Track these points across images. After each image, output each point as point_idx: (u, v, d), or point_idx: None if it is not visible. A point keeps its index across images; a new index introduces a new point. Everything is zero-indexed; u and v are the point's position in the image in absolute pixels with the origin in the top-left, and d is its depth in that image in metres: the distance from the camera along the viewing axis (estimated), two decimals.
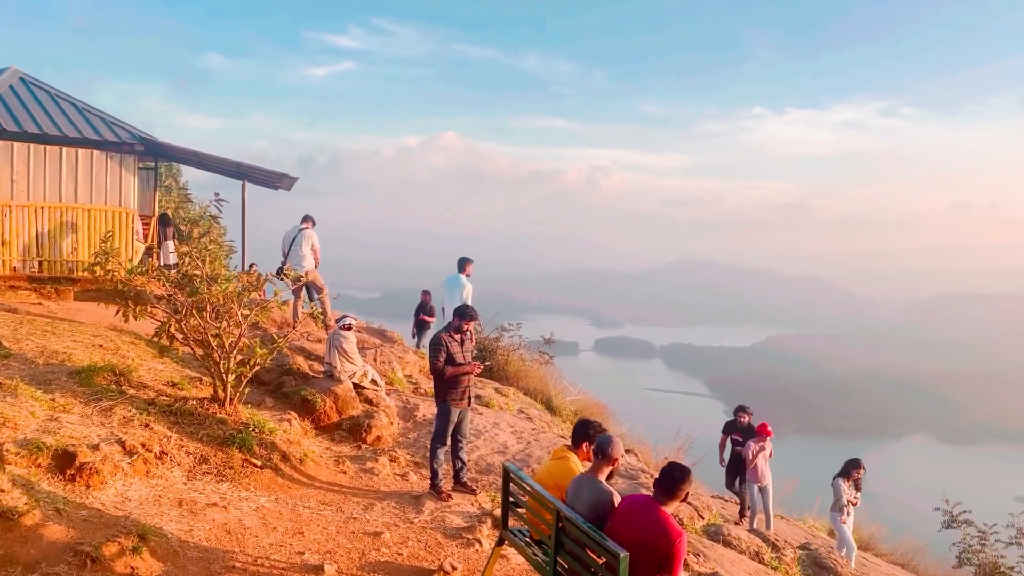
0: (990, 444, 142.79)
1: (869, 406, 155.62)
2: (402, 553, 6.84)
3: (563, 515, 5.25)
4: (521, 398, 16.02)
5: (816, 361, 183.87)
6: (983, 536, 14.06)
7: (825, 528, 14.89)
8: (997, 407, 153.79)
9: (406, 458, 9.90)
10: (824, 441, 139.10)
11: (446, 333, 8.56)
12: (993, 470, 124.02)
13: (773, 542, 8.97)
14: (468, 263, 13.60)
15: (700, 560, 7.54)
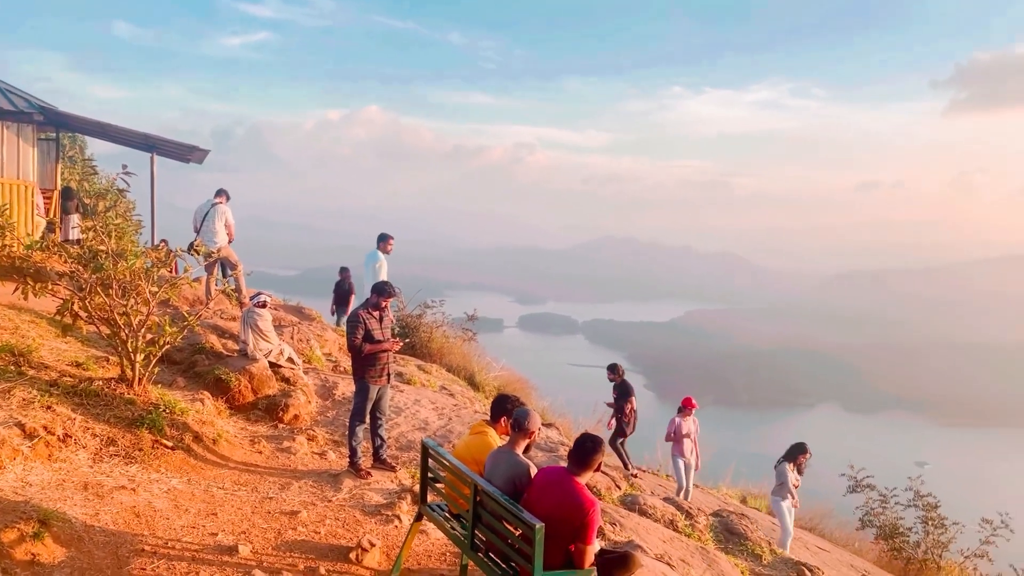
0: (893, 413, 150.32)
1: (781, 378, 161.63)
2: (320, 531, 6.77)
3: (481, 489, 5.28)
4: (444, 375, 16.00)
5: (732, 335, 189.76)
6: (884, 499, 14.81)
7: (738, 496, 15.44)
8: (900, 378, 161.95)
9: (325, 437, 9.78)
10: (739, 412, 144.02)
11: (364, 310, 8.45)
12: (895, 437, 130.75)
13: (687, 510, 9.25)
14: (387, 239, 13.45)
15: (617, 529, 7.71)
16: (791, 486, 10.44)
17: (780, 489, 10.43)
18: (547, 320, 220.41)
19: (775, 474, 10.70)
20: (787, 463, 10.56)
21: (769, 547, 8.95)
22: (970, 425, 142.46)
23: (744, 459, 29.33)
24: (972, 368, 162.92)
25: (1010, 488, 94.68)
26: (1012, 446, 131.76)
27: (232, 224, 13.71)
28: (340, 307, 17.67)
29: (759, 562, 8.58)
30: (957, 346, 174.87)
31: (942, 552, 14.00)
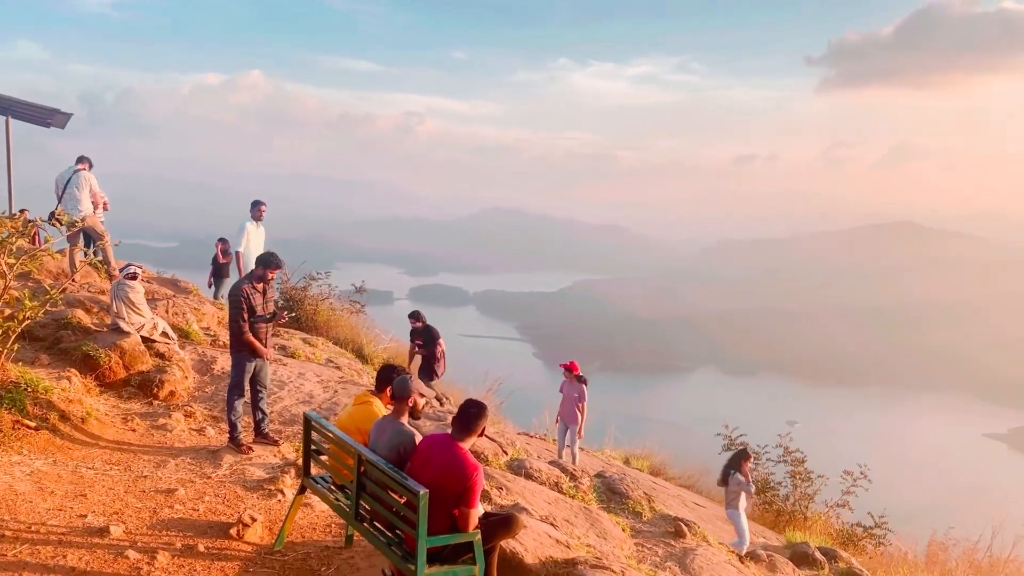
0: (767, 375, 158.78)
1: (663, 343, 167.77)
2: (198, 509, 6.57)
3: (365, 458, 5.25)
4: (331, 348, 15.75)
5: (617, 303, 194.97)
6: (756, 456, 15.63)
7: (621, 457, 15.96)
8: (773, 342, 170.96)
9: (203, 413, 9.46)
10: (624, 377, 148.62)
11: (248, 283, 8.17)
12: (769, 398, 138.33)
13: (572, 472, 9.50)
14: (259, 206, 13.00)
15: (503, 493, 7.84)
16: (745, 493, 10.14)
17: (734, 500, 10.15)
18: (438, 292, 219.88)
19: (729, 485, 10.35)
20: (736, 473, 10.32)
21: (649, 504, 9.32)
22: (837, 385, 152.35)
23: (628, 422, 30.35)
24: (839, 331, 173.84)
25: (870, 442, 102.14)
26: (874, 403, 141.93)
27: (99, 192, 12.93)
28: (218, 280, 17.03)
29: (639, 519, 8.92)
30: (825, 311, 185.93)
31: (808, 504, 14.89)
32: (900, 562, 12.89)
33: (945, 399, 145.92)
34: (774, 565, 8.80)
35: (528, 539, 6.04)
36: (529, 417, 17.63)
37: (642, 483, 11.96)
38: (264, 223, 13.50)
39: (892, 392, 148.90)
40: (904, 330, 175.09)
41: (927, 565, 13.12)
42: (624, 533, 8.15)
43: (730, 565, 7.91)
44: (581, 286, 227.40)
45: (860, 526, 14.14)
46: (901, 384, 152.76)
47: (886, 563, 12.87)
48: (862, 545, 13.91)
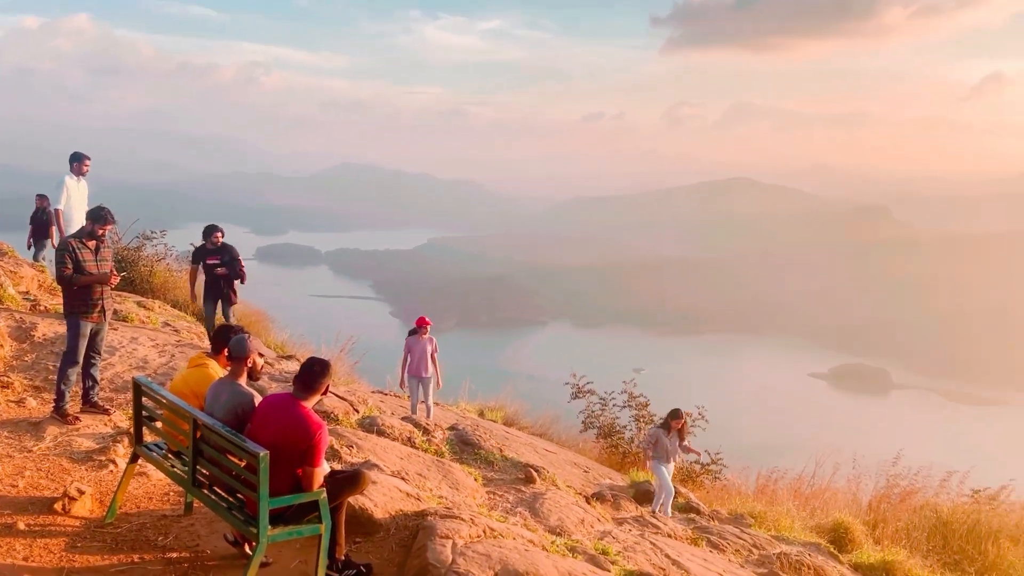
0: (615, 326, 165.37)
1: (517, 298, 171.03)
2: (17, 484, 6.08)
3: (200, 423, 5.01)
4: (168, 311, 14.93)
5: (472, 260, 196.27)
6: (604, 403, 16.28)
7: (476, 410, 16.18)
8: (620, 295, 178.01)
9: (23, 383, 8.73)
10: (480, 332, 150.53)
11: (76, 239, 7.55)
12: (617, 347, 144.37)
13: (425, 427, 9.52)
14: (81, 160, 11.96)
15: (354, 451, 7.75)
16: (663, 450, 10.02)
17: (651, 453, 10.16)
18: (288, 251, 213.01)
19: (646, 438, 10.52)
20: (660, 429, 10.26)
21: (501, 453, 9.52)
22: (680, 333, 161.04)
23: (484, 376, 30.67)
24: (681, 283, 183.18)
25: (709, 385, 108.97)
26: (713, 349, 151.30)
27: None
28: (38, 240, 15.65)
29: (492, 468, 9.09)
30: (669, 264, 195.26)
31: None
32: (734, 494, 13.87)
33: (775, 343, 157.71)
34: (618, 504, 9.24)
35: (378, 494, 6.01)
36: (384, 375, 17.49)
37: (495, 433, 12.19)
38: (87, 179, 12.46)
39: (729, 338, 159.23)
40: (740, 280, 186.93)
41: (757, 495, 14.15)
42: (476, 483, 8.28)
43: (576, 506, 8.22)
44: (437, 243, 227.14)
45: (698, 463, 15.02)
46: (737, 331, 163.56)
47: (722, 495, 13.82)
48: (700, 480, 14.82)
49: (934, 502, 14.40)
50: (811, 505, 13.81)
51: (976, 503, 14.14)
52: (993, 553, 12.20)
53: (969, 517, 13.58)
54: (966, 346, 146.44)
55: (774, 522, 10.84)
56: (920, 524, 13.61)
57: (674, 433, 10.34)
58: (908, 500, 14.62)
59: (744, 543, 8.83)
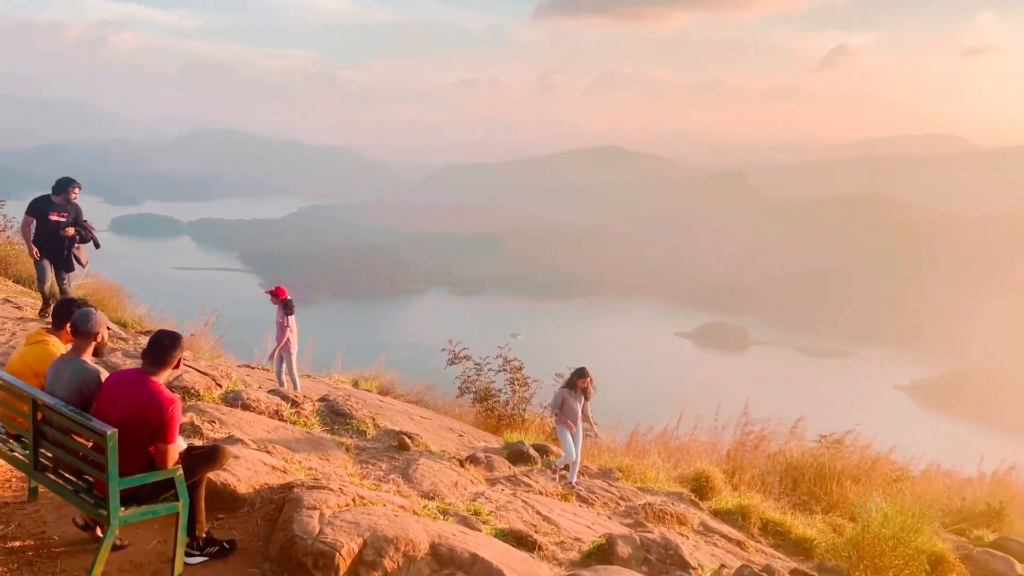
0: (492, 293, 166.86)
1: (394, 267, 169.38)
2: None
3: (40, 403, 4.68)
4: (10, 287, 13.89)
5: (347, 229, 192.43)
6: (479, 368, 16.39)
7: (350, 380, 15.96)
8: (496, 262, 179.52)
9: None
10: (357, 303, 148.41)
11: None
12: (494, 314, 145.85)
13: (293, 399, 9.30)
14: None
15: (216, 426, 7.48)
16: (570, 411, 9.54)
17: (558, 416, 9.70)
18: (146, 222, 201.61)
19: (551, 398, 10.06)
20: (565, 389, 9.77)
21: (373, 422, 9.43)
22: (554, 298, 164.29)
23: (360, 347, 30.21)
24: (554, 250, 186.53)
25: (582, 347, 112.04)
26: (585, 313, 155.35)
27: None
28: None
29: (364, 438, 9.00)
30: (542, 230, 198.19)
31: (525, 407, 15.98)
32: (604, 450, 14.36)
33: (643, 306, 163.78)
34: (492, 465, 9.37)
35: (241, 469, 5.83)
36: (251, 349, 16.97)
37: (369, 403, 12.08)
38: None
39: (601, 302, 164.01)
40: (610, 246, 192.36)
41: (626, 451, 14.72)
42: (348, 453, 8.19)
43: (450, 470, 8.28)
44: (308, 211, 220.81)
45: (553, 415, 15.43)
46: (608, 295, 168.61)
47: (593, 452, 14.28)
48: None
49: (786, 449, 15.45)
50: (676, 457, 14.50)
51: (823, 447, 15.28)
52: (837, 493, 13.24)
53: (816, 460, 14.66)
54: (816, 304, 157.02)
55: (641, 475, 11.30)
56: (773, 469, 14.58)
57: (579, 393, 9.75)
58: (763, 448, 15.62)
59: (612, 496, 9.17)
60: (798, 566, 8.36)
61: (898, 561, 8.43)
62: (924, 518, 9.33)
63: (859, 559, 8.65)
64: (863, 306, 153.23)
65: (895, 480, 14.71)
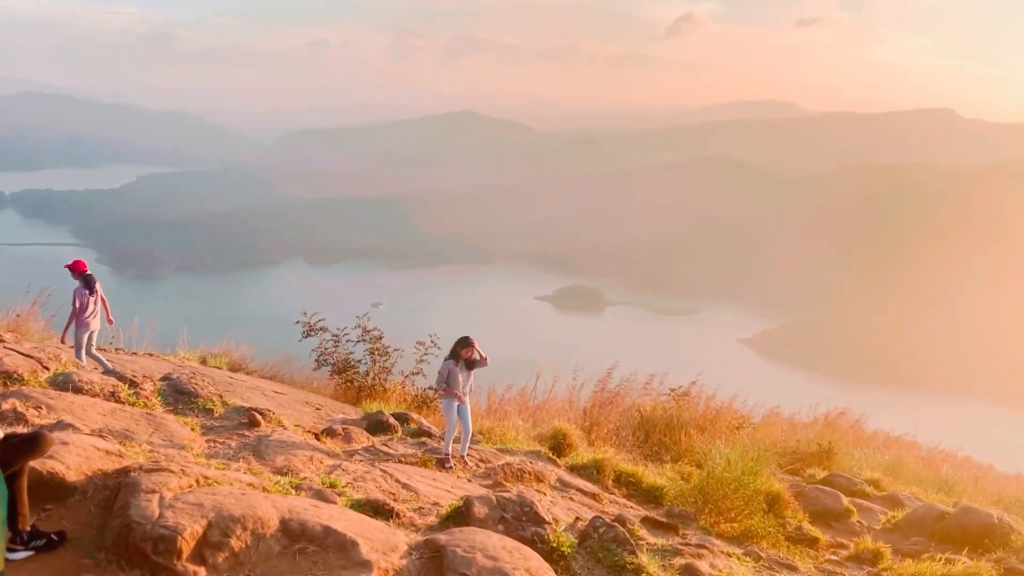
0: (352, 262, 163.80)
1: (245, 238, 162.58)
2: None
3: None
4: None
5: (191, 198, 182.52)
6: (337, 339, 16.02)
7: (197, 358, 15.22)
8: (355, 230, 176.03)
9: None
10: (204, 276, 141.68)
11: None
12: (355, 283, 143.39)
13: (131, 379, 8.74)
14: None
15: (44, 412, 6.91)
16: (457, 383, 9.08)
17: (443, 389, 9.25)
18: None
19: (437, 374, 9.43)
20: (451, 361, 9.19)
21: (221, 400, 9.03)
22: (416, 266, 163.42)
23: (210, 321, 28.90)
24: (415, 216, 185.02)
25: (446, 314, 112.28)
26: (448, 280, 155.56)
27: None
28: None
29: (211, 416, 8.60)
30: (401, 196, 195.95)
31: (387, 376, 15.80)
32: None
33: (504, 271, 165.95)
34: (350, 436, 9.21)
35: (70, 456, 5.41)
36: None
37: (217, 380, 11.57)
38: None
39: (462, 270, 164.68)
40: (469, 212, 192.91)
41: (488, 414, 14.90)
42: (194, 432, 7.80)
43: (305, 443, 8.07)
44: (148, 181, 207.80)
45: (432, 389, 15.42)
46: (469, 261, 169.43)
47: None
48: (434, 406, 15.26)
49: (639, 403, 16.15)
50: (535, 418, 14.84)
51: (672, 400, 16.08)
52: (685, 442, 13.98)
53: (666, 413, 15.43)
54: (666, 264, 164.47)
55: (501, 436, 11.46)
56: (627, 423, 15.21)
57: (463, 364, 9.20)
58: (617, 404, 16.25)
59: (472, 458, 9.25)
60: (649, 514, 8.76)
61: (739, 502, 9.01)
62: (762, 461, 10.01)
63: (704, 503, 9.18)
64: (709, 265, 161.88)
65: (737, 427, 15.72)
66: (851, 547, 9.33)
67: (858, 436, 19.00)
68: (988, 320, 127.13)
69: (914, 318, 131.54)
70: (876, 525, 11.09)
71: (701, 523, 8.88)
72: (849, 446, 16.91)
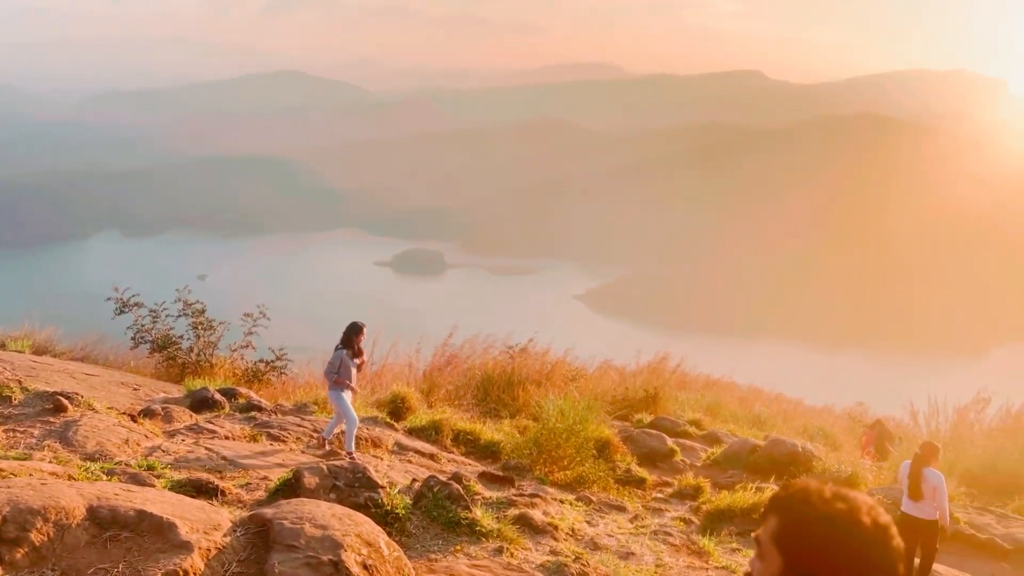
0: (173, 233, 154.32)
1: (51, 210, 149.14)
2: None
3: None
4: None
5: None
6: (155, 314, 15.04)
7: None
8: (175, 198, 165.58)
9: None
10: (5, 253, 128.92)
11: None
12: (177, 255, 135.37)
13: None
14: None
15: None
16: (348, 372, 8.51)
17: (333, 381, 8.61)
18: None
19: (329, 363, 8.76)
20: (343, 350, 8.56)
21: (20, 386, 8.26)
22: (243, 235, 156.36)
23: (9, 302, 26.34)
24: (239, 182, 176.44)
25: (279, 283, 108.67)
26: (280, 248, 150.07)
27: None
28: None
29: (9, 404, 7.87)
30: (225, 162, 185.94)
31: (213, 351, 15.06)
32: (302, 386, 14.10)
33: (340, 238, 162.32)
34: (171, 416, 8.73)
35: None
36: None
37: (18, 365, 10.58)
38: None
39: (295, 237, 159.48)
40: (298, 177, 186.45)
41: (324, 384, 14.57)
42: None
43: (120, 427, 7.56)
44: None
45: (263, 362, 14.88)
46: (301, 229, 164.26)
47: (288, 390, 13.95)
48: (267, 379, 14.73)
49: (480, 363, 16.37)
50: (374, 384, 14.69)
51: (510, 357, 16.43)
52: (522, 397, 14.35)
53: (504, 370, 15.75)
54: (503, 225, 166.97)
55: None
56: (468, 384, 15.40)
57: (350, 351, 8.72)
58: (457, 365, 16.39)
59: (305, 430, 9.04)
60: (486, 469, 8.93)
61: (571, 451, 9.37)
62: (592, 410, 10.46)
63: (539, 454, 9.48)
64: (544, 225, 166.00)
65: (571, 379, 16.32)
66: (675, 484, 9.97)
67: (683, 381, 20.26)
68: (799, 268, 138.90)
69: (735, 269, 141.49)
70: (698, 462, 11.90)
71: (536, 474, 9.16)
72: (674, 390, 18.01)
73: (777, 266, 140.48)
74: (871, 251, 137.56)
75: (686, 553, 7.08)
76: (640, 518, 8.13)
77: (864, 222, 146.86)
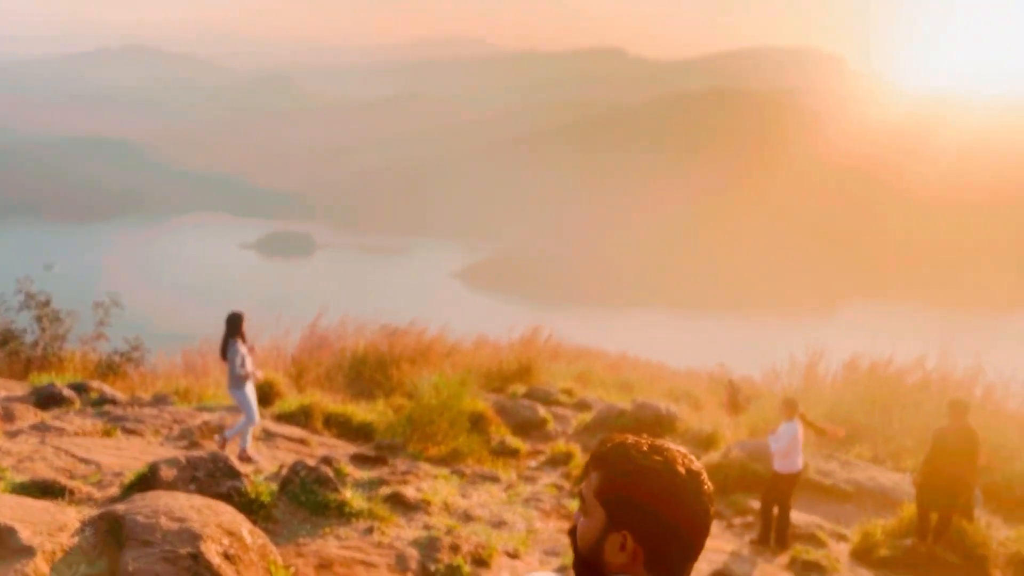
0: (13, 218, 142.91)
1: None
2: None
3: None
4: None
5: None
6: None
7: None
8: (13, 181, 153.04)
9: None
10: None
11: None
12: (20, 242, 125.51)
13: None
14: None
15: None
16: (249, 369, 7.89)
17: (236, 380, 7.86)
18: None
19: (229, 364, 7.90)
20: (238, 341, 7.78)
21: None
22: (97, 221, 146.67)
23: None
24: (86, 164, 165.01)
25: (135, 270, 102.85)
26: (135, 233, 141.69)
27: None
28: None
29: None
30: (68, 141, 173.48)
31: (61, 344, 14.18)
32: (161, 376, 13.46)
33: (200, 220, 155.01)
34: (12, 414, 8.13)
35: None
36: None
37: None
38: None
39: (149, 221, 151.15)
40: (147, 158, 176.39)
41: (185, 373, 13.97)
42: None
43: None
44: None
45: (118, 353, 14.13)
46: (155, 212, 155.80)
47: (147, 381, 13.28)
48: (123, 371, 13.99)
49: (352, 344, 16.11)
50: None
51: (384, 337, 16.25)
52: (396, 376, 14.26)
53: (378, 350, 15.58)
54: (372, 203, 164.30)
55: (199, 395, 10.86)
56: (340, 365, 15.14)
57: (243, 341, 8.11)
58: (328, 347, 16.08)
59: (164, 421, 8.65)
60: (359, 450, 8.83)
61: (444, 425, 9.41)
62: (465, 384, 10.53)
63: (413, 431, 9.46)
64: (416, 203, 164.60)
65: (447, 356, 16.35)
66: (547, 452, 10.20)
67: (556, 351, 20.70)
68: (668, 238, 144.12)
69: (607, 241, 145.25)
70: (569, 429, 12.22)
71: (410, 451, 9.14)
72: (548, 361, 18.37)
73: (647, 238, 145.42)
74: (735, 220, 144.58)
75: (556, 518, 7.28)
76: (513, 487, 8.28)
77: (727, 193, 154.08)
